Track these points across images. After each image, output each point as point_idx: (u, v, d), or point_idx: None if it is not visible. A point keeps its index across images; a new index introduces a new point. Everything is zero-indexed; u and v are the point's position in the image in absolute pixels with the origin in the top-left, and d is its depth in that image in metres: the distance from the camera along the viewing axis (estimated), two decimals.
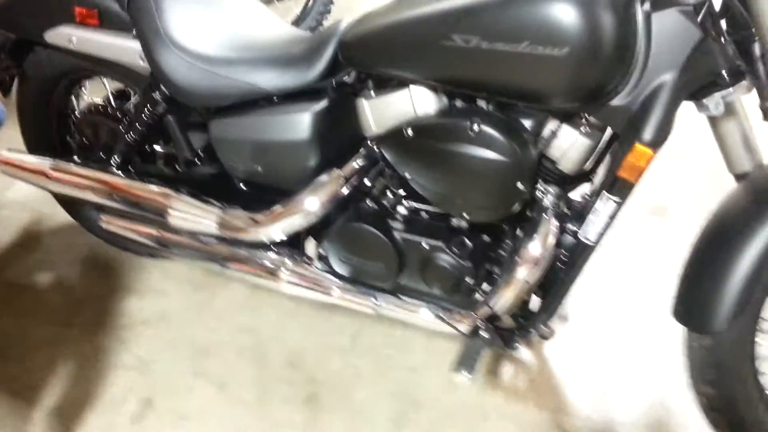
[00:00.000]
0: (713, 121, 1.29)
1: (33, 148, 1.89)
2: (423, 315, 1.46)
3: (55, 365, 1.72)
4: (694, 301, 1.30)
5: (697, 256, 1.32)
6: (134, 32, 1.51)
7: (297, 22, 3.08)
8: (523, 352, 1.75)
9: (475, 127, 1.23)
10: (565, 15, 1.08)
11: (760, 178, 1.29)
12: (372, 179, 1.46)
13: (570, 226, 1.35)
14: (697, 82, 1.17)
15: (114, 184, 1.65)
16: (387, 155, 1.38)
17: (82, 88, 1.91)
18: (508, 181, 1.25)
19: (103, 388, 1.67)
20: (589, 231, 1.28)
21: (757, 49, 1.13)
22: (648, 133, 1.17)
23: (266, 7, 1.68)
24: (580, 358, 1.74)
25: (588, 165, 1.35)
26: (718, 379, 1.33)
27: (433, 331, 1.65)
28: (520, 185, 1.25)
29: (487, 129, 1.23)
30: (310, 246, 1.61)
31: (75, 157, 1.76)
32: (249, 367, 1.72)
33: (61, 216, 2.08)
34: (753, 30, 1.12)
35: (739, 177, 1.33)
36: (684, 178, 2.37)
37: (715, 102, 1.17)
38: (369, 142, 1.42)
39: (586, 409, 1.62)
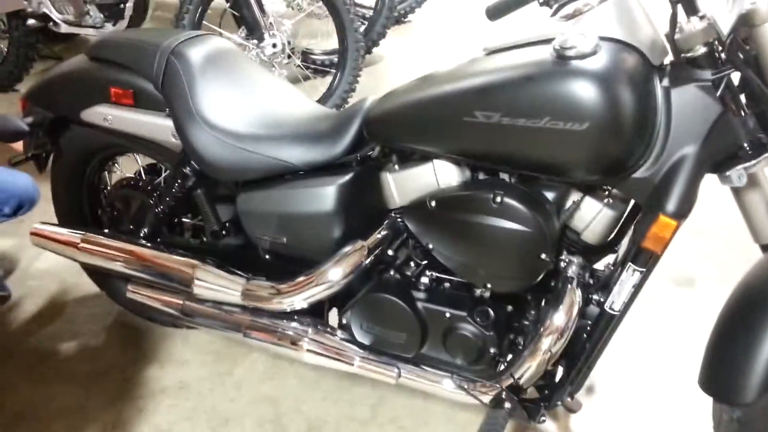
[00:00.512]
0: (737, 192, 1.32)
1: (65, 220, 1.94)
2: (445, 385, 1.45)
3: None
4: (722, 372, 1.29)
5: (724, 326, 1.31)
6: (167, 111, 1.58)
7: (323, 100, 3.17)
8: (549, 425, 1.73)
9: (498, 199, 1.26)
10: (584, 92, 1.12)
11: None
12: (396, 250, 1.49)
13: (595, 297, 1.37)
14: (719, 155, 1.20)
15: (141, 255, 1.69)
16: (410, 227, 1.41)
17: (115, 164, 1.98)
18: (531, 252, 1.27)
19: None
20: (614, 302, 1.29)
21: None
22: (672, 205, 1.19)
23: (293, 86, 1.75)
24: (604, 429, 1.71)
25: (612, 236, 1.37)
26: None
27: (455, 403, 1.63)
28: (543, 256, 1.27)
29: (510, 201, 1.26)
30: (333, 316, 1.62)
31: (105, 230, 1.81)
32: None
33: (87, 285, 2.11)
34: None
35: (765, 247, 1.34)
36: (711, 250, 2.37)
37: (738, 174, 1.19)
38: (393, 214, 1.46)
39: None
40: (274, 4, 3.47)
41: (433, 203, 1.34)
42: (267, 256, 1.61)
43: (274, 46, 2.98)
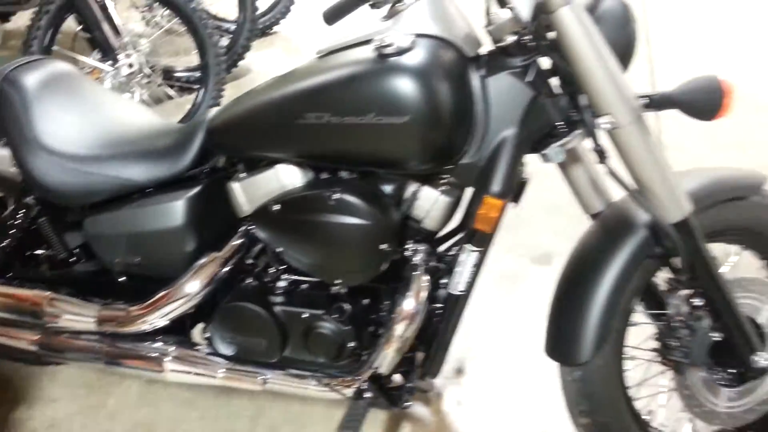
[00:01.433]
0: (562, 168, 1.42)
1: None
2: (311, 385, 1.47)
3: None
4: (560, 337, 1.39)
5: (560, 294, 1.41)
6: (4, 141, 1.52)
7: (188, 117, 3.13)
8: (420, 409, 1.78)
9: (335, 196, 1.30)
10: (402, 86, 1.18)
11: (610, 215, 1.41)
12: (252, 258, 1.49)
13: (444, 281, 1.42)
14: (536, 135, 1.28)
15: None
16: (259, 232, 1.42)
17: None
18: (371, 244, 1.32)
19: None
20: (457, 283, 1.35)
21: (583, 100, 1.25)
22: (495, 185, 1.27)
23: (137, 103, 1.73)
24: (478, 409, 1.79)
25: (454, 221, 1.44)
26: (591, 409, 1.41)
27: (331, 403, 1.66)
28: (383, 246, 1.31)
29: (346, 197, 1.30)
30: (199, 331, 1.61)
31: None
32: None
33: None
34: (578, 84, 1.23)
35: (594, 217, 1.45)
36: (565, 226, 2.51)
37: (554, 151, 1.27)
38: (244, 222, 1.47)
39: None
40: (134, 23, 3.41)
41: (276, 207, 1.36)
42: (124, 279, 1.58)
43: (131, 66, 2.92)
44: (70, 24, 3.07)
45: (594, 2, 1.25)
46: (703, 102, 1.19)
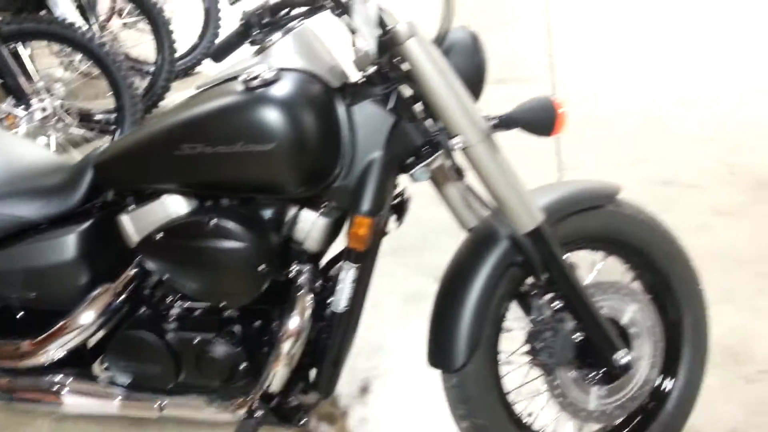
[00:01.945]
0: (437, 188, 1.52)
1: None
2: (206, 409, 1.53)
3: None
4: (437, 345, 1.49)
5: (437, 306, 1.52)
6: None
7: None
8: (325, 427, 1.85)
9: (213, 221, 1.38)
10: (267, 115, 1.29)
11: (478, 229, 1.52)
12: (146, 288, 1.56)
13: (330, 300, 1.51)
14: (402, 157, 1.39)
15: None
16: (147, 261, 1.49)
17: None
18: (248, 265, 1.39)
19: None
20: (339, 300, 1.44)
21: (439, 123, 1.37)
22: (364, 205, 1.36)
23: (31, 141, 1.78)
24: (382, 427, 1.87)
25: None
26: (468, 413, 1.50)
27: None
28: (261, 268, 1.39)
29: (223, 222, 1.37)
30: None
31: None
32: None
33: None
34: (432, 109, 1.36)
35: (469, 232, 1.56)
36: None
37: (419, 172, 1.39)
38: (136, 253, 1.53)
39: None
40: (54, 68, 3.45)
41: (160, 235, 1.43)
42: (23, 314, 1.62)
43: (44, 110, 2.97)
44: None
45: (443, 34, 1.38)
46: (540, 120, 1.32)
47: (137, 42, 3.98)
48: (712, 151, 3.15)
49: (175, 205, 1.45)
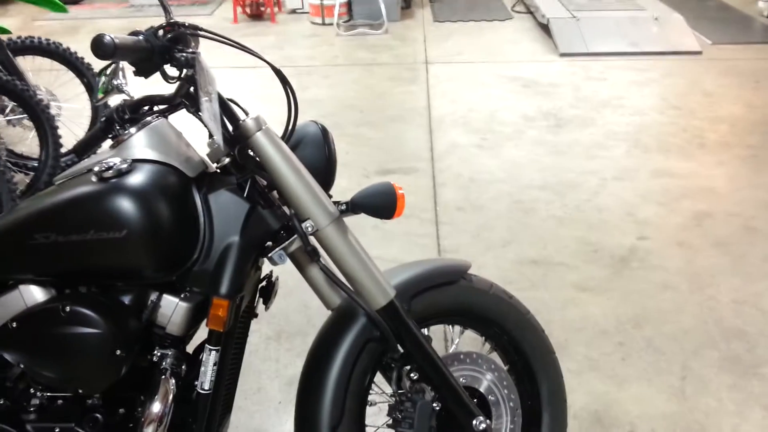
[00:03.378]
0: (301, 270, 1.60)
1: None
2: None
3: None
4: (302, 422, 1.54)
5: (301, 383, 1.57)
6: None
7: None
8: None
9: (66, 308, 1.40)
10: (118, 203, 1.35)
11: (340, 308, 1.60)
12: (6, 379, 1.53)
13: (197, 382, 1.54)
14: (259, 241, 1.47)
15: None
16: (2, 352, 1.48)
17: None
18: (105, 350, 1.40)
19: None
20: (202, 382, 1.48)
21: (288, 210, 1.48)
22: (222, 288, 1.43)
23: None
24: None
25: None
26: None
27: None
28: (119, 353, 1.41)
29: (76, 308, 1.40)
30: None
31: None
32: None
33: None
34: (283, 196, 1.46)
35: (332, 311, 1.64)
36: None
37: (277, 255, 1.48)
38: None
39: None
40: None
41: (14, 324, 1.44)
42: None
43: None
44: None
45: (291, 131, 1.51)
46: (381, 205, 1.45)
47: (22, 138, 3.96)
48: (575, 231, 3.40)
49: (30, 295, 1.46)
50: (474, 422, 1.60)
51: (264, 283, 1.68)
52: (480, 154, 4.34)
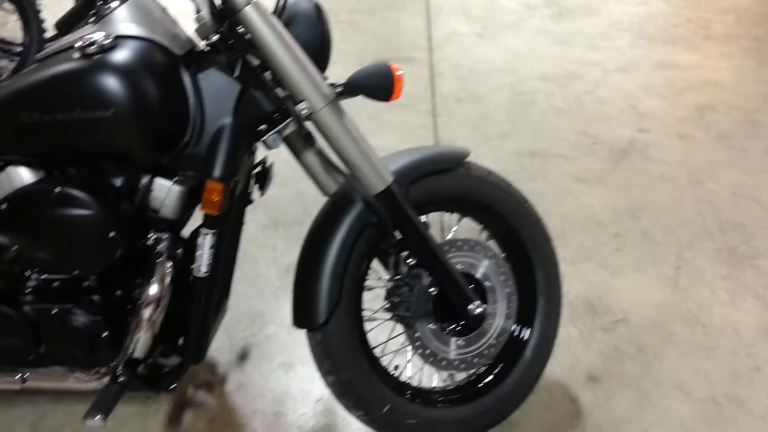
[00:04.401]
0: (296, 156, 1.56)
1: None
2: (70, 379, 1.54)
3: None
4: (300, 305, 1.55)
5: (299, 267, 1.57)
6: None
7: None
8: (202, 394, 1.88)
9: (57, 189, 1.37)
10: (103, 80, 1.29)
11: (337, 193, 1.57)
12: (1, 262, 1.52)
13: (193, 266, 1.53)
14: (252, 124, 1.42)
15: None
16: None
17: None
18: (99, 232, 1.39)
19: None
20: (199, 266, 1.47)
21: (285, 91, 1.42)
22: (216, 171, 1.39)
23: None
24: (259, 392, 1.91)
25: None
26: (333, 368, 1.56)
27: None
28: (113, 234, 1.40)
29: (68, 190, 1.37)
30: None
31: None
32: None
33: None
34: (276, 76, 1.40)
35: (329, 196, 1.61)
36: None
37: (272, 139, 1.43)
38: None
39: None
40: None
41: (4, 205, 1.42)
42: None
43: None
44: None
45: (283, 5, 1.42)
46: (379, 85, 1.39)
47: (3, 22, 3.80)
48: (575, 124, 3.34)
49: (19, 176, 1.43)
50: (470, 307, 1.62)
51: (258, 168, 1.64)
52: (480, 43, 4.20)
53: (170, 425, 1.80)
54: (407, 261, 1.58)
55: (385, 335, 1.71)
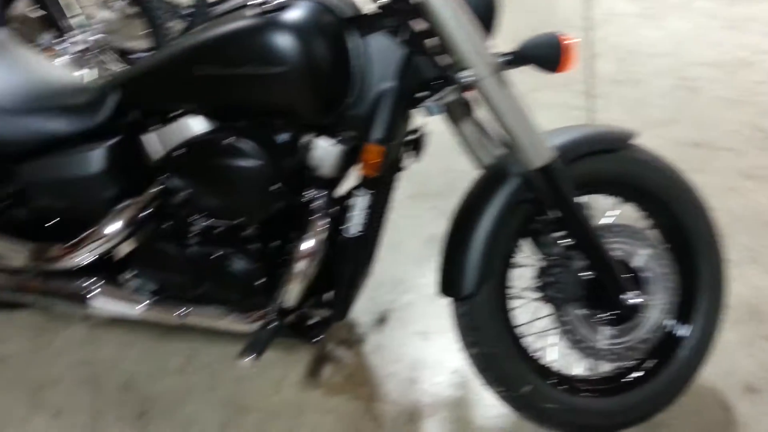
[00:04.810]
0: (453, 124, 1.54)
1: None
2: (226, 319, 1.62)
3: None
4: (448, 275, 1.53)
5: (449, 237, 1.56)
6: None
7: None
8: (341, 351, 1.93)
9: (228, 140, 1.43)
10: (277, 38, 1.33)
11: (492, 166, 1.54)
12: (170, 205, 1.61)
13: (346, 225, 1.56)
14: (413, 89, 1.42)
15: None
16: (168, 178, 1.55)
17: None
18: (261, 184, 1.44)
19: None
20: (352, 225, 1.49)
21: (449, 58, 1.38)
22: (376, 134, 1.41)
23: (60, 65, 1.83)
24: (396, 354, 1.94)
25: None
26: (477, 341, 1.54)
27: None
28: (274, 187, 1.44)
29: (238, 141, 1.43)
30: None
31: None
32: (85, 394, 1.84)
33: None
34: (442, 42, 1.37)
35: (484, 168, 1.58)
36: None
37: (432, 105, 1.42)
38: (157, 171, 1.59)
39: (395, 395, 1.81)
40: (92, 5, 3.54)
41: (179, 152, 1.50)
42: (55, 222, 1.69)
43: (84, 43, 3.06)
44: None
45: None
46: (547, 56, 1.33)
47: None
48: (745, 115, 3.09)
49: (196, 126, 1.51)
50: (624, 296, 1.54)
51: (414, 136, 1.64)
52: (642, 24, 3.97)
53: (310, 375, 1.86)
54: (559, 242, 1.52)
55: (526, 316, 1.66)
